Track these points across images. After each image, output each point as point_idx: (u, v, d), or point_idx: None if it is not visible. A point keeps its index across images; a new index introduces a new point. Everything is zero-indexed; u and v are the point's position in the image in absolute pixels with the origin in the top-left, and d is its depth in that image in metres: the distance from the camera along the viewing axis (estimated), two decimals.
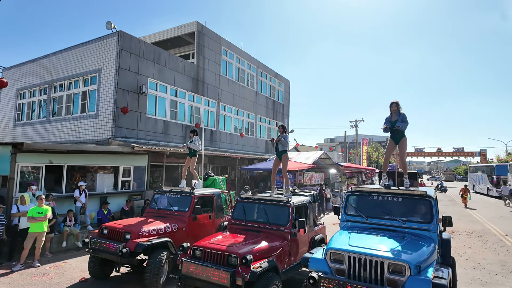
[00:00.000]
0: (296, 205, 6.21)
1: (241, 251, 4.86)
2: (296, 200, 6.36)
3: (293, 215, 5.95)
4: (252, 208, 6.44)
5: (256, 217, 6.32)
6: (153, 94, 14.58)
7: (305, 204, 6.59)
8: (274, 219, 6.00)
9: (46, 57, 16.01)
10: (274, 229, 5.86)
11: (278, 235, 5.74)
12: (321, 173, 19.95)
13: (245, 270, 4.61)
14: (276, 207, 6.13)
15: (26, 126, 16.64)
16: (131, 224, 6.56)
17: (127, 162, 12.13)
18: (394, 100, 5.77)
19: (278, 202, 6.13)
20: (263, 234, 5.72)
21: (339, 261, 4.28)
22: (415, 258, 4.00)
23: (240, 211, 6.42)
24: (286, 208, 6.01)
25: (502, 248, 9.98)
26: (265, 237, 5.59)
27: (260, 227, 6.00)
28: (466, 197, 20.10)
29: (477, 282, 6.94)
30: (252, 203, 6.45)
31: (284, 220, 5.90)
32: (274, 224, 5.93)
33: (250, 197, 6.62)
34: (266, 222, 6.03)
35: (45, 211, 7.68)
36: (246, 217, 6.29)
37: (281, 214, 5.99)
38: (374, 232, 4.90)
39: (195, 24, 17.44)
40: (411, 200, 5.20)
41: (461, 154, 53.53)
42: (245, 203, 6.48)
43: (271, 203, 6.20)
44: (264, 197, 6.50)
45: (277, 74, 26.17)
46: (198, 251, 5.17)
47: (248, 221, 6.23)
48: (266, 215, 6.09)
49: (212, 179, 10.11)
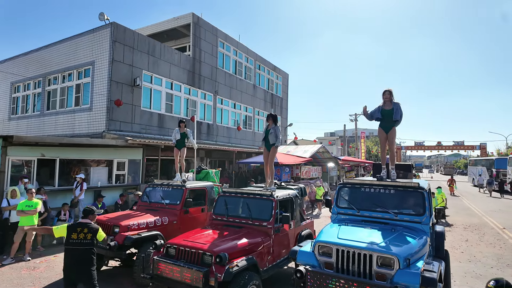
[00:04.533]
0: (280, 199, 5.88)
1: (216, 249, 4.56)
2: (281, 194, 6.04)
3: (277, 210, 5.66)
4: (234, 203, 6.12)
5: (238, 212, 6.00)
6: (148, 87, 14.41)
7: (291, 198, 6.27)
8: (257, 214, 5.70)
9: (39, 49, 15.81)
10: (256, 224, 5.59)
11: (261, 231, 5.47)
12: (319, 166, 19.84)
13: (220, 270, 4.31)
14: (259, 202, 5.83)
15: (21, 120, 16.51)
16: (119, 217, 6.47)
17: (121, 155, 12.02)
18: (387, 88, 5.60)
19: (261, 196, 5.83)
20: (244, 230, 5.45)
21: (327, 254, 4.18)
22: (404, 251, 3.89)
23: (221, 206, 6.12)
24: (269, 202, 5.70)
25: (499, 241, 9.90)
26: (246, 233, 5.31)
27: (242, 223, 5.72)
28: (453, 186, 23.72)
29: (471, 275, 6.85)
30: (235, 197, 6.12)
31: (267, 215, 5.60)
32: (257, 219, 5.64)
33: (233, 191, 6.29)
34: (248, 217, 5.72)
35: (35, 204, 7.59)
36: (228, 212, 5.99)
37: (264, 208, 5.68)
38: (365, 225, 4.79)
39: (191, 16, 17.19)
40: (404, 192, 5.08)
41: (461, 147, 53.29)
42: (227, 198, 6.17)
43: (254, 197, 5.90)
44: (247, 191, 6.18)
45: (275, 67, 25.92)
46: (171, 249, 4.86)
47: (230, 216, 5.93)
48: (249, 210, 5.77)
49: (205, 172, 10.00)
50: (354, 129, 42.46)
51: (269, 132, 6.79)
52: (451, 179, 24.93)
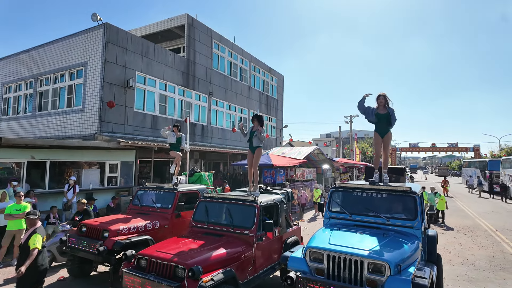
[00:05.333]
0: (264, 205, 5.54)
1: (190, 261, 4.18)
2: (265, 200, 5.69)
3: (260, 217, 5.31)
4: (215, 209, 5.75)
5: (219, 219, 5.64)
6: (141, 88, 14.29)
7: (276, 204, 5.92)
8: (239, 221, 5.35)
9: (31, 50, 15.61)
10: (238, 232, 5.24)
11: (242, 240, 5.12)
12: (314, 168, 19.81)
13: (192, 284, 3.96)
14: (241, 208, 5.47)
15: (12, 121, 16.28)
16: (109, 222, 6.36)
17: (114, 157, 11.88)
18: (381, 93, 5.57)
19: (244, 201, 5.49)
20: (224, 239, 5.09)
21: (318, 260, 4.13)
22: (395, 257, 3.85)
23: (202, 212, 5.74)
24: (252, 208, 5.34)
25: (492, 243, 9.92)
26: (226, 242, 4.96)
27: (223, 231, 5.37)
28: (446, 187, 24.52)
29: (464, 278, 6.84)
30: (216, 202, 5.78)
31: (249, 222, 5.24)
32: (238, 227, 5.28)
33: (214, 196, 5.97)
34: (229, 224, 5.38)
35: (23, 208, 7.42)
36: (208, 219, 5.64)
37: (246, 215, 5.33)
38: (357, 230, 4.75)
39: (185, 17, 17.10)
40: (396, 197, 5.05)
41: (455, 149, 53.75)
42: (208, 203, 5.81)
43: (236, 203, 5.56)
44: (229, 196, 5.84)
45: (271, 69, 25.90)
46: (143, 260, 4.47)
47: (210, 223, 5.58)
48: (230, 216, 5.43)
49: (198, 175, 9.91)
50: (349, 130, 42.58)
51: (254, 134, 6.49)
52: (445, 180, 25.64)
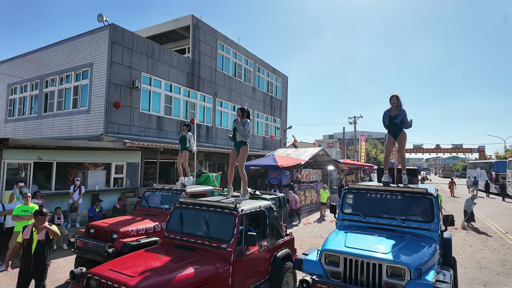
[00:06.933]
0: (247, 213, 4.74)
1: (144, 285, 3.46)
2: (250, 207, 4.89)
3: (242, 227, 4.51)
4: (191, 217, 4.95)
5: (195, 229, 4.85)
6: (147, 89, 14.25)
7: (263, 211, 5.10)
8: (216, 232, 4.55)
9: (37, 51, 15.63)
10: (214, 246, 4.41)
11: (218, 255, 4.30)
12: (319, 169, 19.70)
13: None
14: (219, 216, 4.68)
15: (18, 122, 16.30)
16: (118, 223, 6.30)
17: (119, 158, 11.84)
18: (394, 94, 5.51)
19: (223, 209, 4.70)
20: (197, 254, 4.30)
21: (334, 263, 4.04)
22: (415, 260, 3.75)
23: (176, 221, 4.94)
24: (231, 217, 4.51)
25: (503, 246, 9.77)
26: (198, 259, 4.17)
27: (197, 243, 4.55)
28: (453, 188, 25.06)
29: (478, 282, 6.71)
30: (192, 209, 4.96)
31: (227, 234, 4.42)
32: (215, 239, 4.47)
33: (190, 202, 5.13)
34: (205, 236, 4.55)
35: (31, 209, 7.35)
36: (183, 228, 4.82)
37: (224, 225, 4.54)
38: (372, 232, 4.65)
39: (190, 18, 17.06)
40: (411, 198, 4.95)
41: (460, 150, 53.39)
42: (183, 210, 4.99)
43: (214, 211, 4.75)
44: (207, 202, 5.00)
45: (275, 70, 25.83)
46: (92, 280, 3.82)
47: (184, 234, 4.76)
48: (207, 226, 4.59)
49: (206, 176, 9.84)
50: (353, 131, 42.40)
51: (236, 129, 5.77)
52: (451, 181, 26.00)
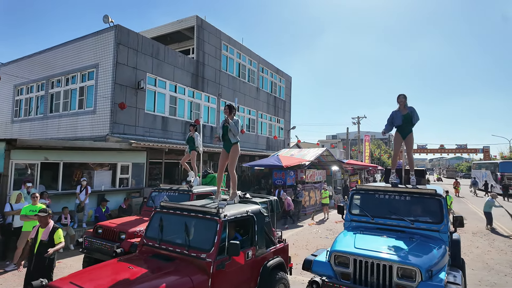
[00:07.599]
0: (231, 219, 4.29)
1: None
2: (234, 212, 4.45)
3: (224, 235, 4.08)
4: (172, 223, 4.55)
5: (174, 237, 4.47)
6: (152, 90, 14.30)
7: (251, 217, 4.65)
8: (196, 240, 4.17)
9: (43, 52, 15.74)
10: (193, 256, 3.99)
11: (197, 266, 3.89)
12: (323, 170, 19.68)
13: None
14: (200, 222, 4.31)
15: (24, 123, 16.42)
16: (126, 224, 6.34)
17: (125, 159, 11.89)
18: (401, 93, 5.53)
19: (204, 214, 4.30)
20: (173, 265, 3.92)
21: (344, 264, 4.04)
22: (426, 261, 3.74)
23: (155, 227, 4.56)
24: (212, 223, 4.11)
25: (510, 247, 9.70)
26: (173, 270, 3.80)
27: (176, 252, 4.15)
28: (458, 188, 25.51)
29: (486, 283, 6.67)
30: (173, 214, 4.55)
31: (207, 243, 4.00)
32: (194, 248, 4.05)
33: (171, 206, 4.69)
34: (184, 244, 4.14)
35: (39, 209, 7.42)
36: (162, 235, 4.42)
37: (205, 232, 4.16)
38: (381, 233, 4.64)
39: (194, 19, 17.11)
40: (420, 199, 4.94)
41: (464, 151, 53.02)
42: (164, 215, 4.60)
43: (195, 216, 4.35)
44: (188, 206, 4.57)
45: (279, 70, 25.83)
46: None
47: (163, 242, 4.36)
48: (187, 233, 4.20)
49: (212, 177, 9.85)
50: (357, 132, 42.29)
51: (227, 128, 5.21)
52: (456, 181, 26.38)
